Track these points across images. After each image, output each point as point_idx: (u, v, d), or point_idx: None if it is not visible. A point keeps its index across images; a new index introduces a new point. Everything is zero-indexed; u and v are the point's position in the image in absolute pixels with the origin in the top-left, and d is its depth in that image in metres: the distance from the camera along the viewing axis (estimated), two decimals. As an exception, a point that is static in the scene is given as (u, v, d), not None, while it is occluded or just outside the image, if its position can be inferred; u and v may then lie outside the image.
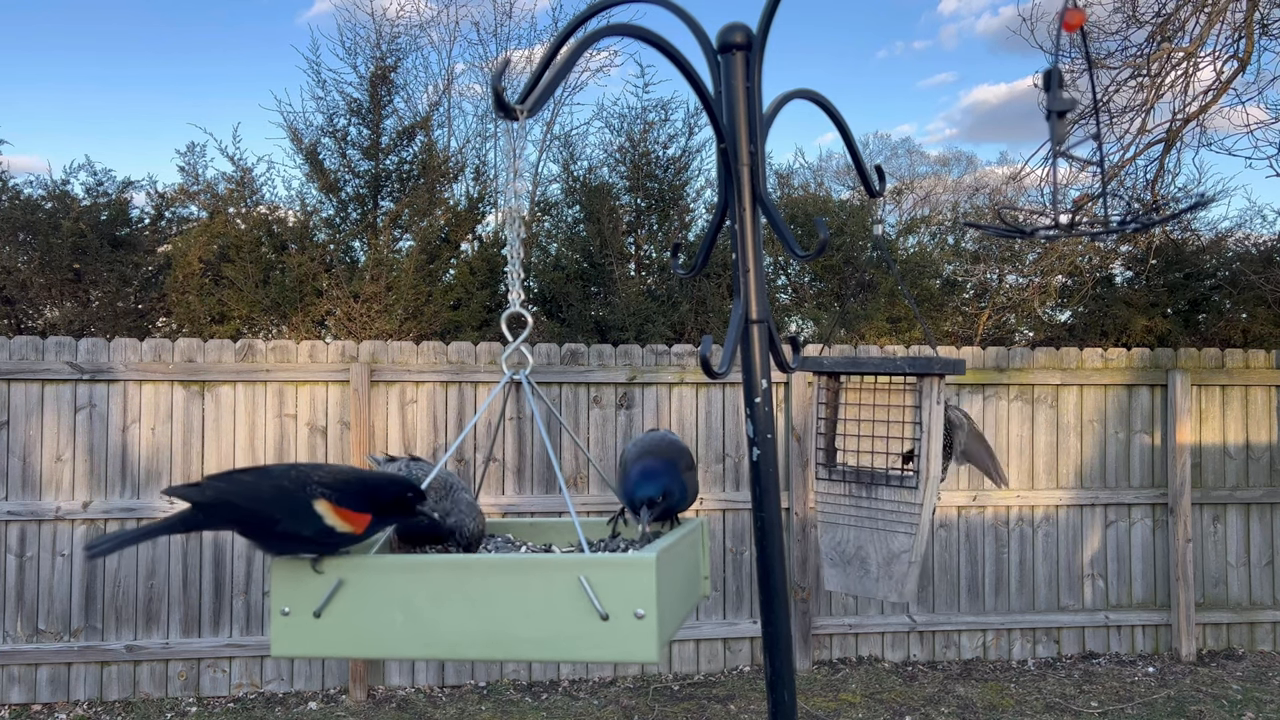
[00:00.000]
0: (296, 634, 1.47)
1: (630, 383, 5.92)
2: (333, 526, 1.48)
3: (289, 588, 1.48)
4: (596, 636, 1.38)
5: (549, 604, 1.40)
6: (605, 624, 1.38)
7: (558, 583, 1.40)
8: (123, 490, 5.51)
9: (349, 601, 1.46)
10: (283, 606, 1.47)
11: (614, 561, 1.42)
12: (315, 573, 1.47)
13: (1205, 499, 6.32)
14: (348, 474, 1.59)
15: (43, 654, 5.37)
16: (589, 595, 1.38)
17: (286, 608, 1.47)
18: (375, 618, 1.46)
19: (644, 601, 1.38)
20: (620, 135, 9.31)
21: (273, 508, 1.48)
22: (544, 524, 2.01)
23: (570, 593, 1.39)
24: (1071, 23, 1.62)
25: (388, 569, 1.48)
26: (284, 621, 1.47)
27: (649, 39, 1.77)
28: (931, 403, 1.99)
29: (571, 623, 1.39)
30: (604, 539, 1.94)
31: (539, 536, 1.96)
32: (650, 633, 1.37)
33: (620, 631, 1.38)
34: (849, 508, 2.11)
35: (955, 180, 16.99)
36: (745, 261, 1.89)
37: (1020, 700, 5.45)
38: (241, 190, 8.65)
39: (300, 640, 1.47)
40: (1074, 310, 9.65)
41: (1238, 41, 7.47)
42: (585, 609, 1.38)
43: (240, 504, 1.50)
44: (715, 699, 5.47)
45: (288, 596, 1.47)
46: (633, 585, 1.38)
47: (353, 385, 5.63)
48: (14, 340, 5.46)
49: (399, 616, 1.45)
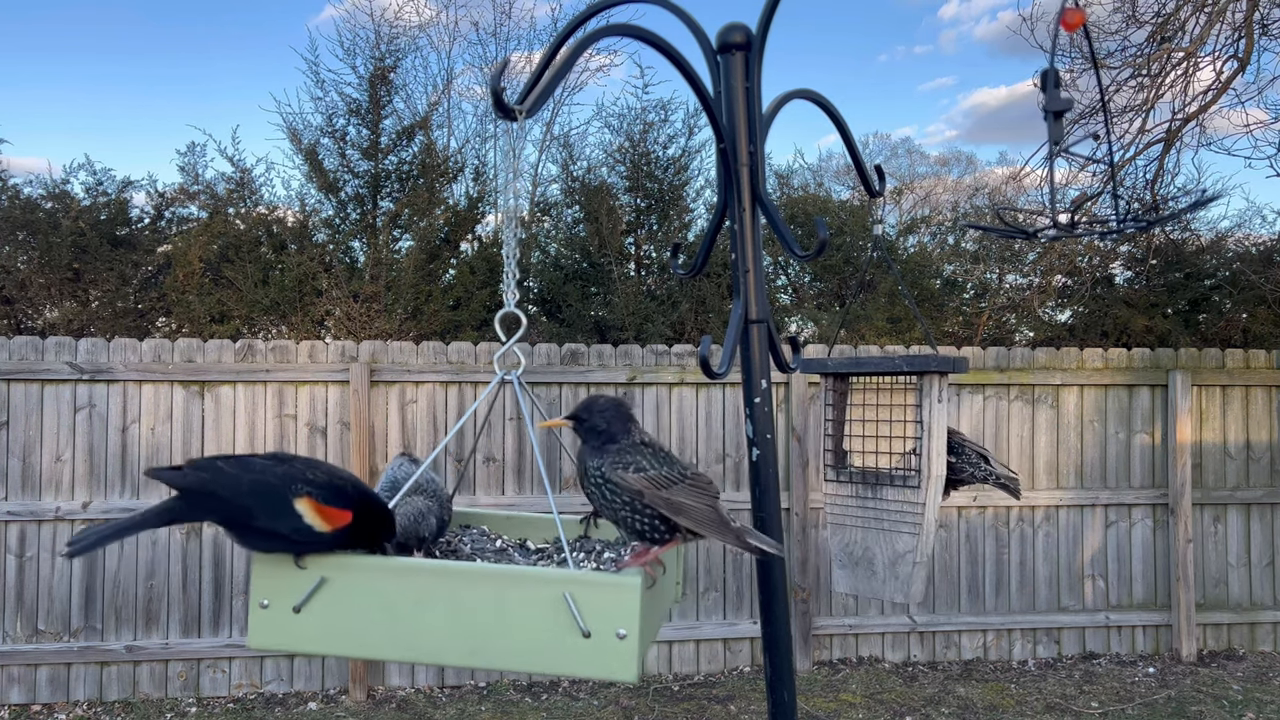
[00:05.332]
0: (274, 627, 1.47)
1: (630, 383, 5.92)
2: (312, 526, 1.46)
3: (270, 581, 1.48)
4: (577, 652, 1.39)
5: (532, 617, 1.41)
6: (587, 641, 1.39)
7: (543, 597, 1.41)
8: (122, 490, 5.51)
9: (330, 599, 1.46)
10: (262, 599, 1.47)
11: (600, 581, 1.42)
12: (298, 568, 1.47)
13: (1206, 499, 6.31)
14: (346, 478, 1.57)
15: (42, 654, 5.37)
16: (573, 612, 1.39)
17: (265, 600, 1.47)
18: (356, 617, 1.46)
19: (626, 622, 1.39)
20: (620, 135, 9.31)
21: (251, 500, 1.46)
22: (519, 518, 2.01)
23: (554, 607, 1.40)
24: (1070, 22, 1.62)
25: (371, 570, 1.48)
26: (262, 614, 1.47)
27: (648, 39, 1.77)
28: (932, 401, 1.99)
29: (553, 637, 1.40)
30: (579, 537, 1.93)
31: (514, 530, 1.96)
32: (631, 653, 1.39)
33: (601, 649, 1.39)
34: (855, 509, 2.11)
35: (955, 180, 16.99)
36: (745, 262, 1.89)
37: (1020, 701, 5.45)
38: (241, 190, 8.65)
39: (278, 634, 1.47)
40: (1074, 310, 9.64)
41: (1237, 42, 7.47)
42: (568, 624, 1.39)
43: (221, 494, 1.47)
44: (715, 699, 5.46)
45: (268, 589, 1.48)
46: (616, 605, 1.39)
47: (353, 385, 5.62)
48: (14, 340, 5.46)
49: (380, 618, 1.45)
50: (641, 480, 1.48)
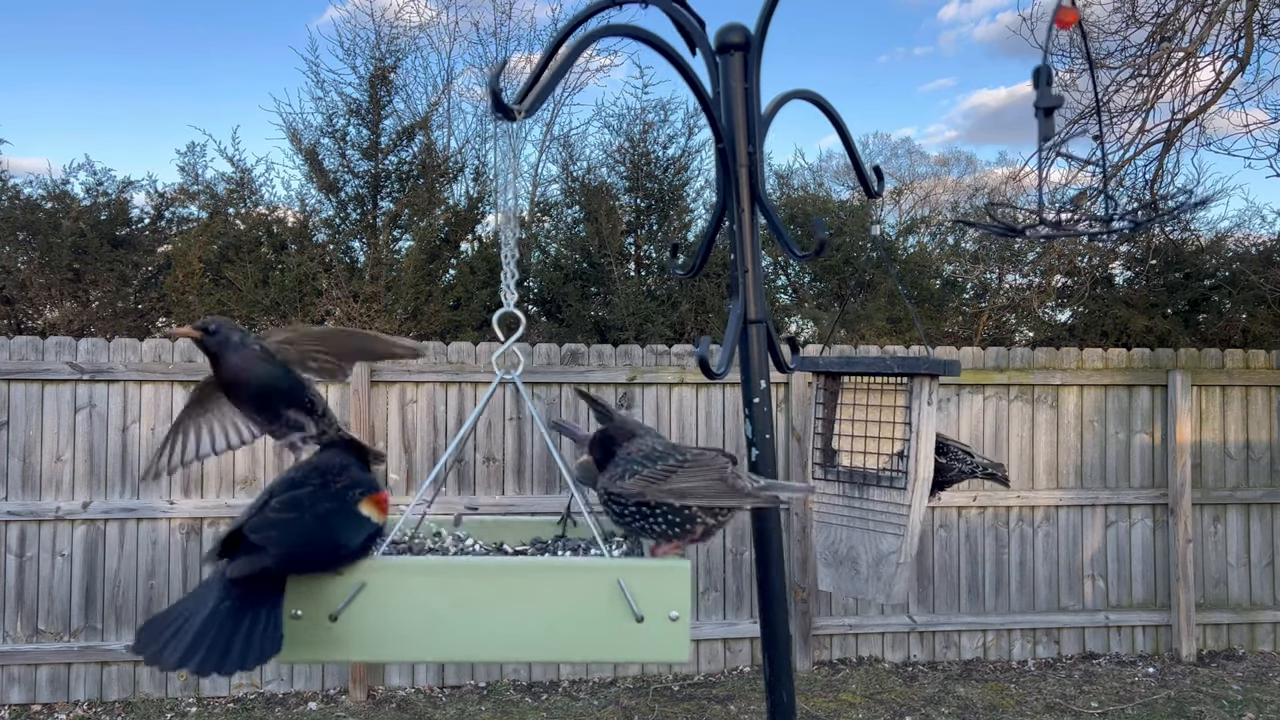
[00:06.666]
0: (309, 639, 1.39)
1: (630, 383, 5.92)
2: (379, 524, 1.42)
3: (302, 589, 1.40)
4: (630, 638, 1.41)
5: (583, 608, 1.42)
6: (639, 626, 1.40)
7: (594, 586, 1.42)
8: (122, 490, 5.51)
9: (367, 604, 1.40)
10: (295, 609, 1.39)
11: (651, 566, 1.45)
12: (335, 574, 1.40)
13: (1205, 499, 6.31)
14: (347, 451, 1.57)
15: (43, 654, 5.37)
16: (627, 598, 1.40)
17: (299, 610, 1.39)
18: (395, 621, 1.40)
19: (678, 604, 1.41)
20: (619, 136, 9.31)
21: (333, 537, 1.37)
22: (492, 521, 1.98)
23: (606, 596, 1.41)
24: (1064, 20, 1.63)
25: (410, 570, 1.43)
26: (295, 626, 1.39)
27: (647, 39, 1.77)
28: (922, 403, 1.99)
29: (606, 625, 1.41)
30: (556, 538, 1.91)
31: (488, 535, 1.92)
32: (683, 634, 1.41)
33: (654, 633, 1.41)
34: (842, 508, 2.11)
35: (955, 180, 16.99)
36: (744, 262, 1.89)
37: (1020, 701, 5.45)
38: (241, 190, 8.66)
39: (313, 646, 1.40)
40: (1074, 310, 9.65)
41: (1237, 42, 7.47)
42: (620, 612, 1.41)
43: (298, 552, 1.35)
44: (715, 699, 5.46)
45: (300, 599, 1.39)
46: (668, 588, 1.42)
47: (353, 385, 5.63)
48: (14, 340, 5.46)
49: (420, 619, 1.40)
50: (638, 483, 1.50)
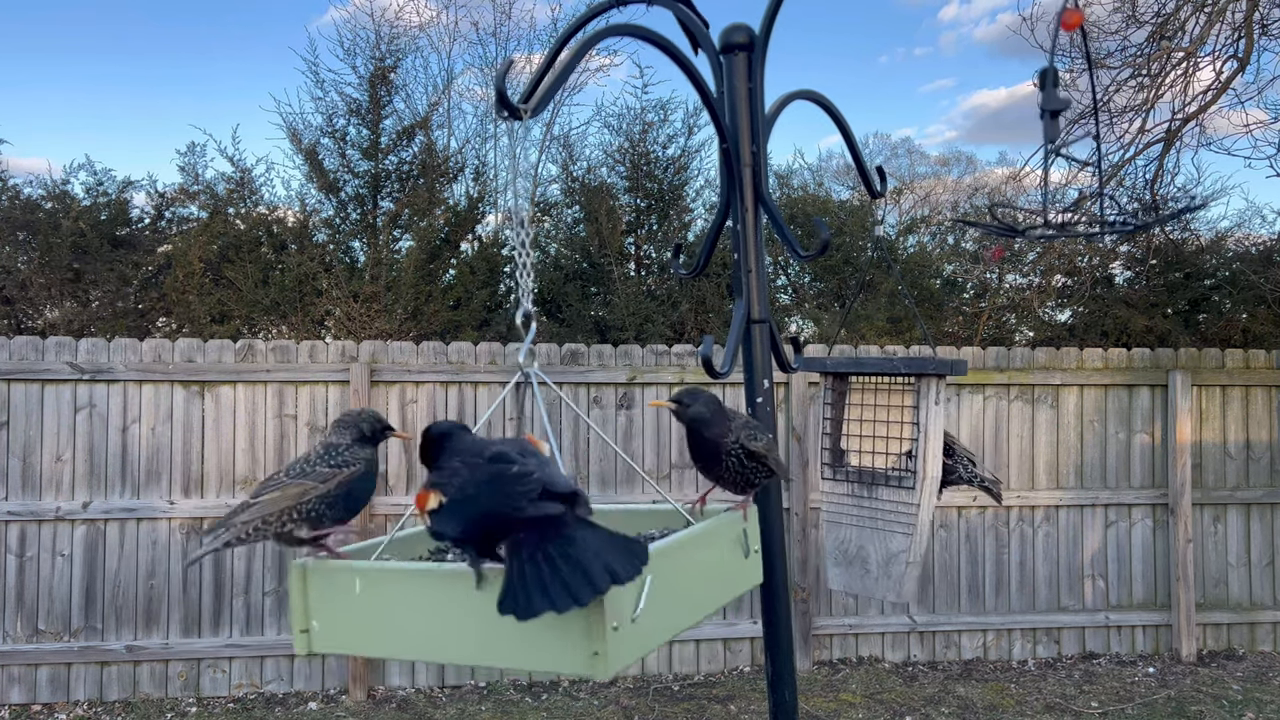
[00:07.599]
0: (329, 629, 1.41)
1: (630, 383, 5.92)
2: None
3: (321, 595, 1.40)
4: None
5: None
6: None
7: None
8: (123, 490, 5.51)
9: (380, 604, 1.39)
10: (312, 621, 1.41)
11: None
12: (351, 575, 1.40)
13: (1205, 499, 6.32)
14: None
15: (43, 654, 5.37)
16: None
17: (316, 623, 1.41)
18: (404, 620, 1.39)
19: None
20: (619, 135, 9.30)
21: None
22: None
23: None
24: (1069, 22, 1.63)
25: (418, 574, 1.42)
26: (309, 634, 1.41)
27: (654, 40, 1.77)
28: (929, 403, 1.99)
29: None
30: None
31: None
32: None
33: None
34: (851, 507, 2.12)
35: (955, 180, 16.99)
36: (747, 261, 1.89)
37: (1020, 700, 5.45)
38: (241, 190, 8.65)
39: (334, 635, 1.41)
40: (1074, 310, 9.65)
41: (1237, 42, 7.47)
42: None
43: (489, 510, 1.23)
44: (715, 699, 5.47)
45: (318, 608, 1.40)
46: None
47: (353, 385, 5.63)
48: (14, 340, 5.46)
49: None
50: (762, 447, 1.77)
